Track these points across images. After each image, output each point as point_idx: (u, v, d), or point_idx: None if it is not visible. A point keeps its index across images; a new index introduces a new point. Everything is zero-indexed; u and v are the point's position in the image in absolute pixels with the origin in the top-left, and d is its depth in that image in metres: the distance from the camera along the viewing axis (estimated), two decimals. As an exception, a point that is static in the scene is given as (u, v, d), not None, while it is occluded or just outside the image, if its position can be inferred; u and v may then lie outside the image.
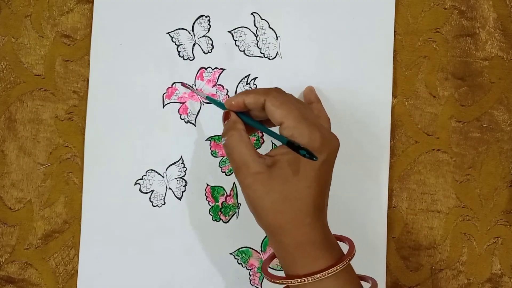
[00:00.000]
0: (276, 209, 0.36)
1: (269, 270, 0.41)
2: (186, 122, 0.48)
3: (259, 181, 0.36)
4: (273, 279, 0.38)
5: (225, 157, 0.48)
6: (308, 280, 0.35)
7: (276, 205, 0.36)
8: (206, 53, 0.48)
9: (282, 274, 0.43)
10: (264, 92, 0.39)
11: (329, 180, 0.39)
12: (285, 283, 0.37)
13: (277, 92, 0.39)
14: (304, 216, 0.36)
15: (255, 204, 0.37)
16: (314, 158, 0.33)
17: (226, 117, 0.40)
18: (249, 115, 0.41)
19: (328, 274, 0.35)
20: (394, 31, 0.49)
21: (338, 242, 0.39)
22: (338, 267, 0.36)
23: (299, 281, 0.36)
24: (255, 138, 0.48)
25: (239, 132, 0.38)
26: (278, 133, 0.38)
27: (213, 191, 0.48)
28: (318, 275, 0.35)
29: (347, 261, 0.36)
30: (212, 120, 0.48)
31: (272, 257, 0.43)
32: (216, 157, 0.48)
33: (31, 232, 0.48)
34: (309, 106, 0.42)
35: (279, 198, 0.36)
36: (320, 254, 0.36)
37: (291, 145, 0.34)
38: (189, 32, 0.48)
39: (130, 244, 0.48)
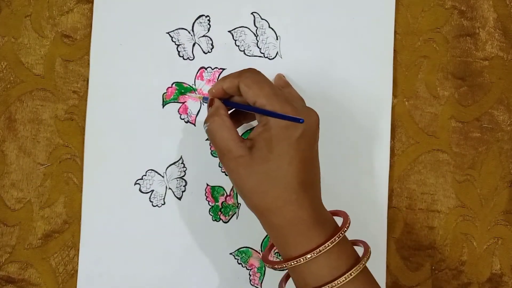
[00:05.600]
0: (260, 190, 0.36)
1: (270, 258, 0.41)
2: (186, 122, 0.48)
3: (241, 164, 0.36)
4: (271, 264, 0.37)
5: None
6: (300, 261, 0.34)
7: (260, 186, 0.36)
8: (206, 53, 0.48)
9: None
10: (237, 75, 0.39)
11: (312, 155, 0.38)
12: (282, 268, 0.36)
13: (250, 72, 0.39)
14: (288, 194, 0.35)
15: (241, 188, 0.37)
16: (301, 121, 0.34)
17: (210, 105, 0.40)
18: (234, 101, 0.41)
19: (319, 252, 0.34)
20: (394, 31, 0.49)
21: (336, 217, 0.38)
22: (329, 244, 0.34)
23: (293, 263, 0.35)
24: None
25: (221, 117, 0.38)
26: None
27: (213, 191, 0.48)
28: (309, 255, 0.34)
29: (339, 235, 0.35)
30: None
31: (271, 246, 0.42)
32: (216, 157, 0.48)
33: (31, 232, 0.48)
34: (281, 89, 0.42)
35: (261, 179, 0.35)
36: (312, 232, 0.35)
37: (275, 115, 0.35)
38: (189, 32, 0.48)
39: (130, 244, 0.48)
